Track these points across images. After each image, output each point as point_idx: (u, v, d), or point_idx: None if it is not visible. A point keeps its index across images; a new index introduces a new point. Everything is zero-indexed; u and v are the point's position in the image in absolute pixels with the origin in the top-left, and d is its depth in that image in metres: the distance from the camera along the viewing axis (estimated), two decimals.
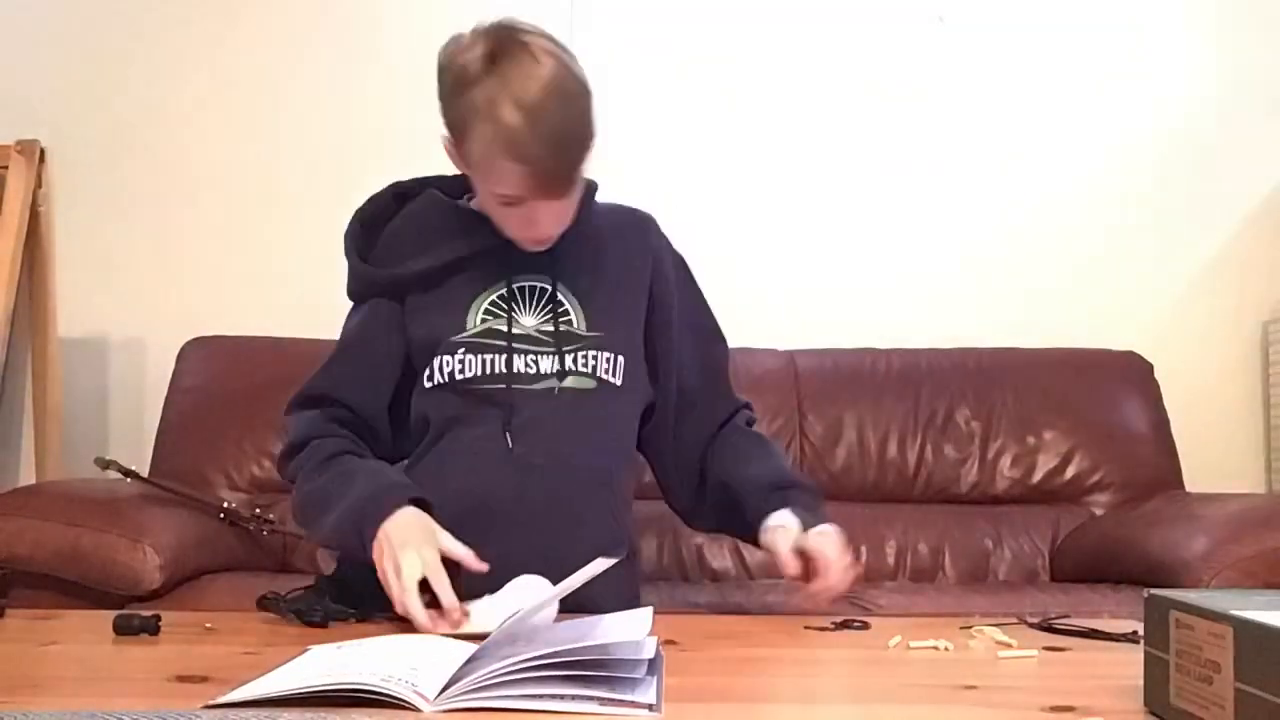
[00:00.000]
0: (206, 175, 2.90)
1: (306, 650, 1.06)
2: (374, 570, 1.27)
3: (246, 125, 2.91)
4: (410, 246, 1.49)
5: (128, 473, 2.25)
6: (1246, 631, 0.75)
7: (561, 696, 0.87)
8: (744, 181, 2.90)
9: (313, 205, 2.89)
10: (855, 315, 2.85)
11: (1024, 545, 2.50)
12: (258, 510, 2.33)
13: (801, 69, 2.91)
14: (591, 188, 1.50)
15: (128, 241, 2.88)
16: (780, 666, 1.14)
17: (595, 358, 1.44)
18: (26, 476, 2.76)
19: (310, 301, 2.83)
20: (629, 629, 1.01)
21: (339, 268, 1.63)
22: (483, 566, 1.26)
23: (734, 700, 0.90)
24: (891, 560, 2.48)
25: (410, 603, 1.20)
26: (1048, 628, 1.27)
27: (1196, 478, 2.63)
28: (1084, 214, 2.90)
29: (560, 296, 1.46)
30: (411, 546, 1.24)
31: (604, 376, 1.44)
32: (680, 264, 1.61)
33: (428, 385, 1.44)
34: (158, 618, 1.22)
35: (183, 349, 2.65)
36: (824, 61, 2.92)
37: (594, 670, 0.89)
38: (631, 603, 1.41)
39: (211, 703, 0.88)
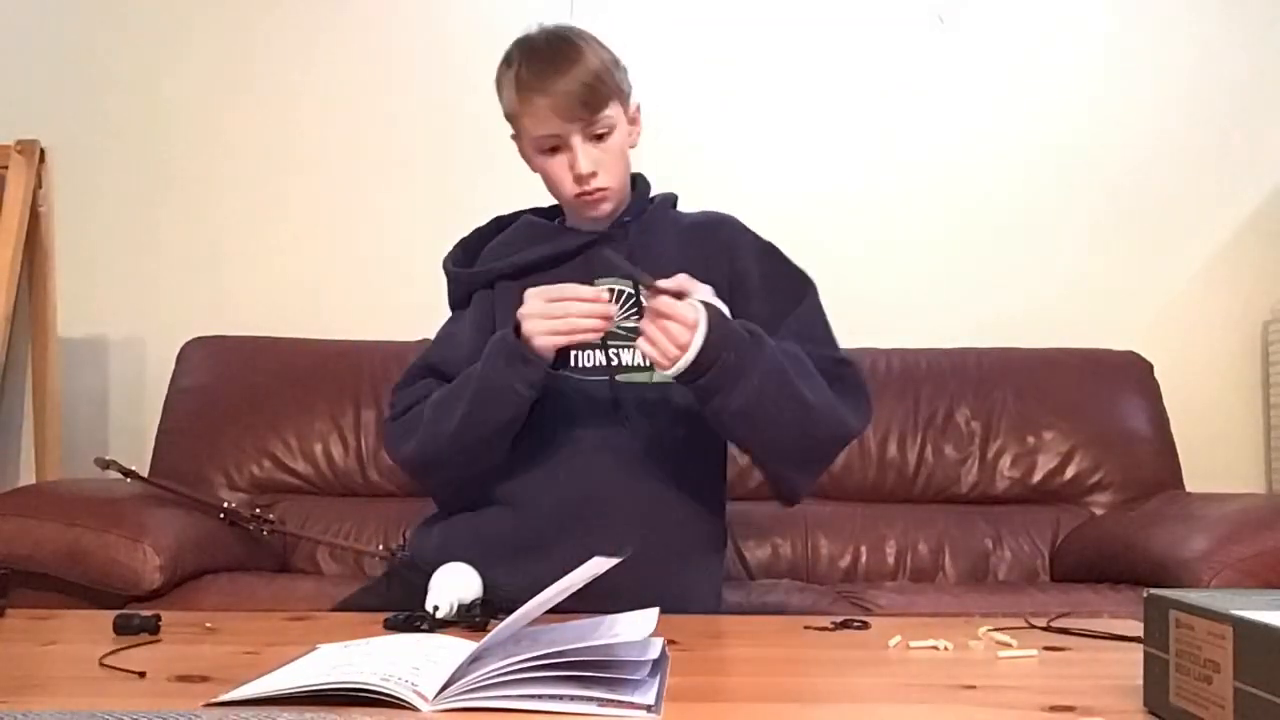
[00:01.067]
0: (207, 175, 2.90)
1: (314, 649, 1.06)
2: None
3: (247, 125, 2.91)
4: (505, 253, 1.59)
5: (128, 473, 2.24)
6: (1246, 631, 0.76)
7: (560, 697, 0.87)
8: (744, 181, 2.89)
9: (314, 205, 2.90)
10: (855, 315, 2.84)
11: (1024, 545, 2.50)
12: (258, 510, 2.33)
13: (801, 69, 2.91)
14: (668, 197, 1.65)
15: (128, 241, 2.88)
16: (780, 666, 1.14)
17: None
18: (26, 476, 2.76)
19: (310, 301, 2.84)
20: (633, 629, 1.01)
21: (339, 268, 1.63)
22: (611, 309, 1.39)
23: (734, 700, 0.90)
24: (891, 560, 2.47)
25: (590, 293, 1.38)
26: (1058, 630, 1.27)
27: (1196, 478, 2.63)
28: (1084, 214, 2.90)
29: (643, 298, 1.48)
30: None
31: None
32: (760, 246, 1.63)
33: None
34: (158, 618, 1.22)
35: (183, 349, 2.65)
36: (824, 61, 2.92)
37: (595, 671, 0.89)
38: (718, 598, 1.52)
39: (212, 701, 0.89)
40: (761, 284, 1.56)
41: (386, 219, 2.87)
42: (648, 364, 1.40)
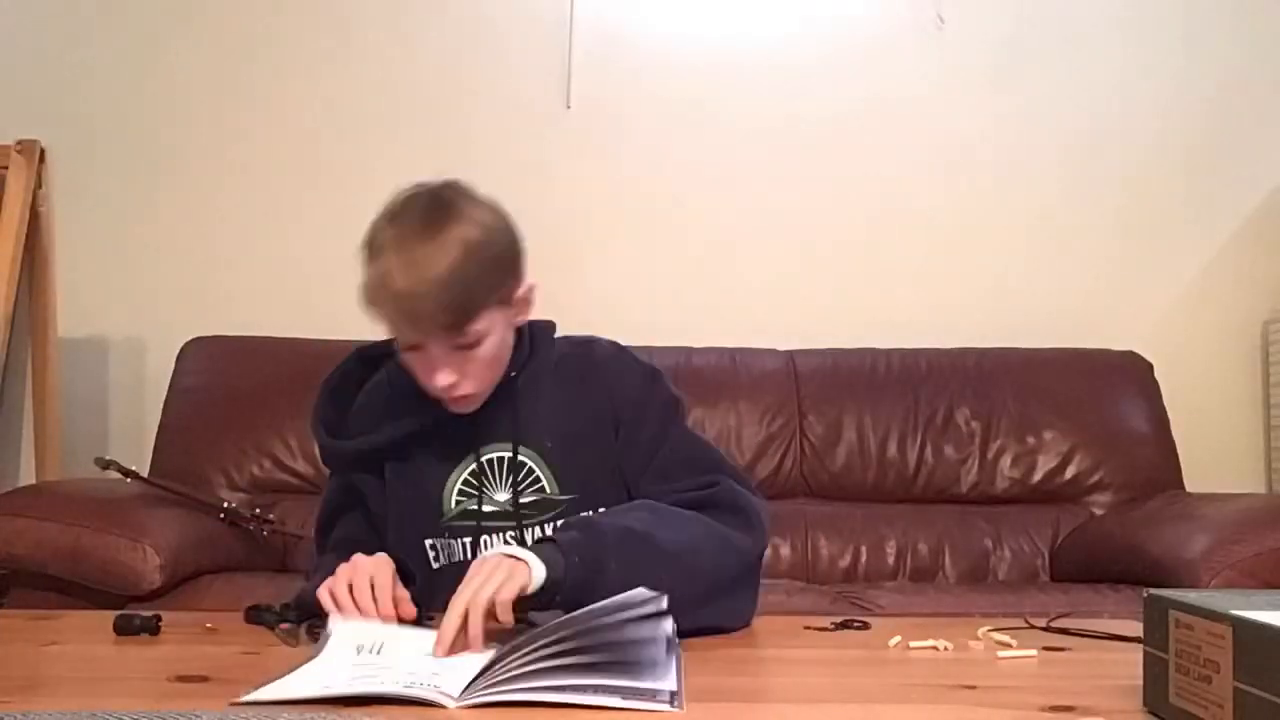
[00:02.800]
0: (207, 175, 2.90)
1: (330, 633, 1.06)
2: None
3: (247, 126, 2.91)
4: (375, 420, 1.43)
5: (128, 473, 2.24)
6: (1246, 631, 0.76)
7: (583, 688, 0.87)
8: (744, 181, 2.90)
9: (313, 205, 2.89)
10: (855, 315, 2.85)
11: (1024, 545, 2.50)
12: (258, 510, 2.33)
13: (802, 69, 2.91)
14: (545, 331, 1.45)
15: (128, 241, 2.88)
16: (780, 666, 1.14)
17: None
18: (26, 476, 2.76)
19: (310, 301, 2.83)
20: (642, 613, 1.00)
21: (339, 268, 1.62)
22: (409, 615, 1.19)
23: (733, 700, 0.90)
24: (891, 560, 2.47)
25: (339, 590, 1.18)
26: (1058, 630, 1.27)
27: (1196, 478, 2.63)
28: (1084, 214, 2.90)
29: (524, 460, 1.38)
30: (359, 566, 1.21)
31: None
32: (638, 388, 1.44)
33: (435, 565, 1.38)
34: (158, 618, 1.22)
35: (183, 349, 2.65)
36: (824, 61, 2.91)
37: (612, 655, 0.89)
38: None
39: (236, 701, 0.88)
40: (638, 429, 1.41)
41: None
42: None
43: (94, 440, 2.80)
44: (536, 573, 1.13)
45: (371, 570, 1.20)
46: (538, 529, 1.35)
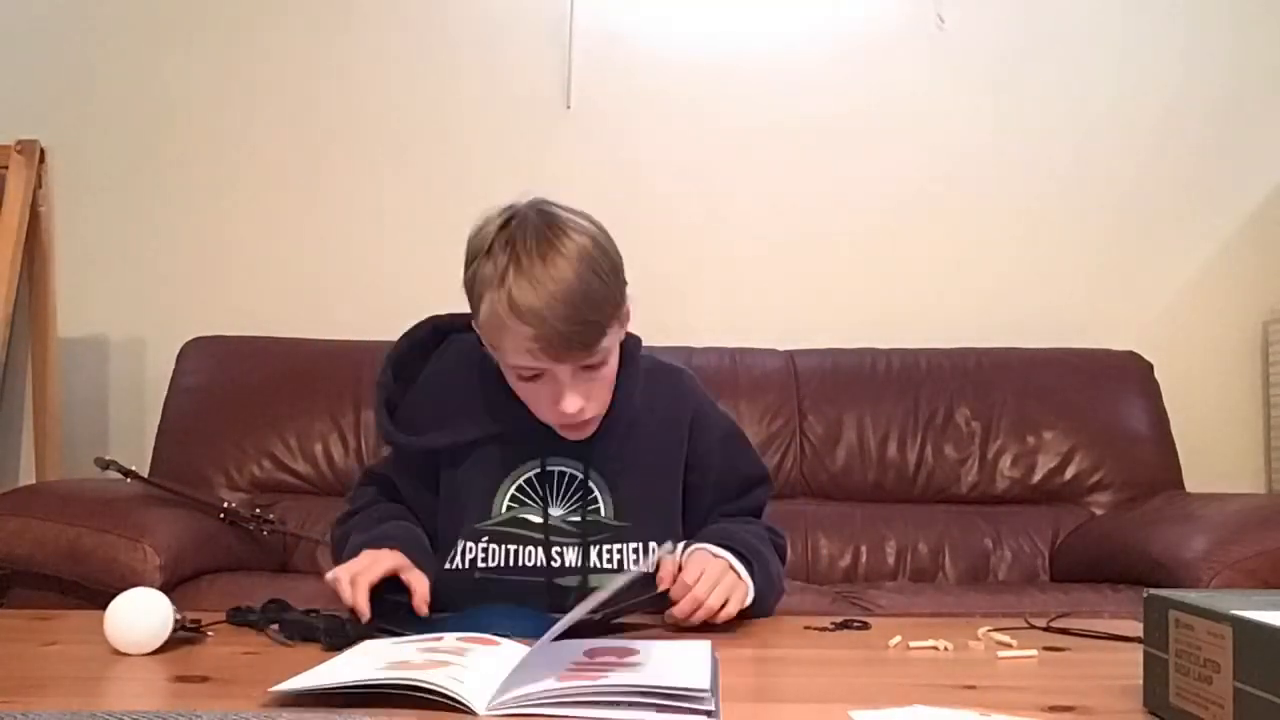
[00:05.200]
0: (207, 175, 2.90)
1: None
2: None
3: (247, 126, 2.91)
4: (440, 411, 1.40)
5: (128, 473, 2.24)
6: (1246, 631, 0.76)
7: (614, 702, 0.86)
8: (744, 182, 2.90)
9: (313, 205, 2.90)
10: (855, 315, 2.85)
11: (1024, 545, 2.50)
12: (258, 510, 2.33)
13: (802, 70, 2.91)
14: (633, 347, 1.43)
15: (128, 241, 2.88)
16: (780, 666, 1.14)
17: (621, 550, 1.36)
18: (26, 476, 2.76)
19: (311, 301, 2.84)
20: (687, 663, 0.98)
21: (339, 268, 1.62)
22: (422, 606, 1.24)
23: (733, 700, 0.90)
24: (891, 560, 2.47)
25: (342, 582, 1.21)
26: (1058, 630, 1.27)
27: (1196, 478, 2.63)
28: (1084, 214, 2.90)
29: (591, 484, 1.37)
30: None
31: (631, 569, 1.32)
32: (718, 423, 1.49)
33: (446, 567, 1.36)
34: (198, 621, 1.22)
35: (183, 349, 2.65)
36: (824, 62, 2.91)
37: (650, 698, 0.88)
38: None
39: (274, 689, 0.88)
40: (718, 481, 1.45)
41: (386, 219, 2.87)
42: (574, 565, 1.34)
43: (94, 440, 2.80)
44: (750, 597, 1.28)
45: (366, 565, 1.23)
46: (603, 549, 1.36)
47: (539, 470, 1.37)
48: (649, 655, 1.01)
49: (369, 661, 0.96)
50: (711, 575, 1.25)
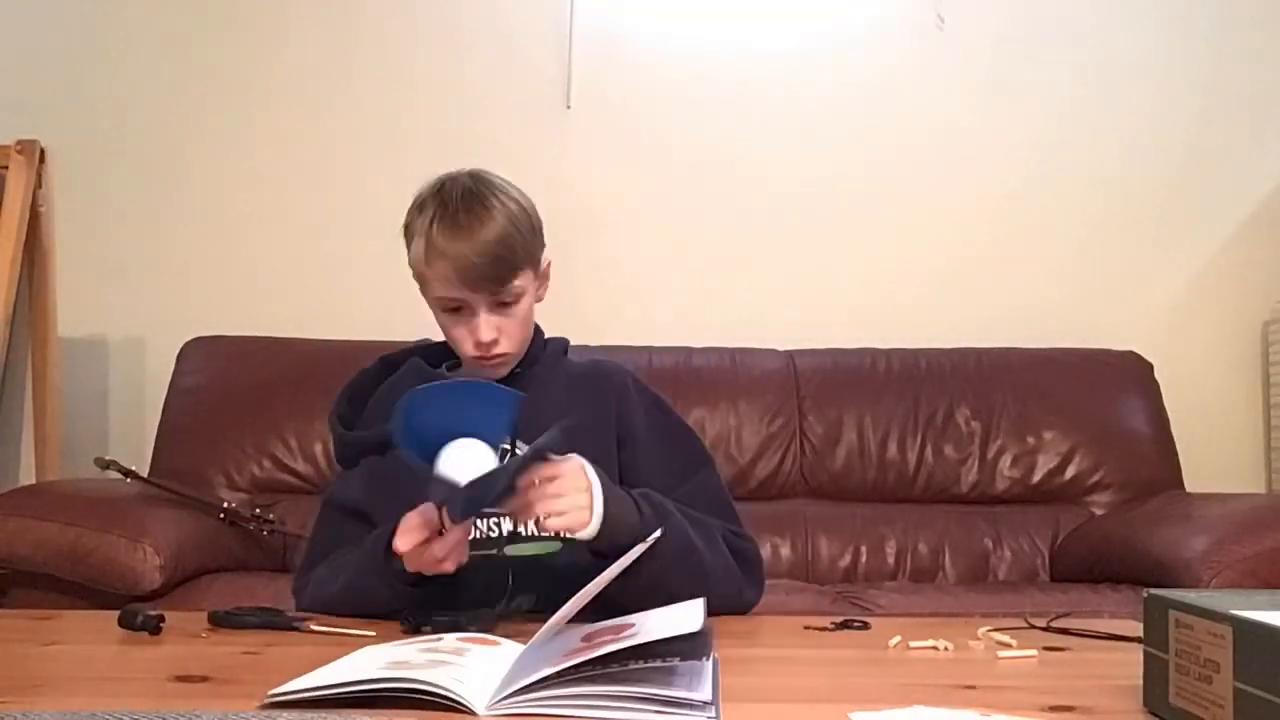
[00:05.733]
0: (207, 175, 2.90)
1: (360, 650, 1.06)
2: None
3: (247, 126, 2.91)
4: (388, 413, 1.41)
5: (128, 473, 2.25)
6: (1246, 631, 0.76)
7: (617, 697, 0.86)
8: (744, 181, 2.90)
9: (314, 205, 2.90)
10: (855, 315, 2.85)
11: (1024, 545, 2.50)
12: (258, 510, 2.33)
13: (801, 69, 2.91)
14: (557, 340, 1.56)
15: (128, 241, 2.88)
16: (780, 666, 1.14)
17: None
18: (26, 476, 2.76)
19: (310, 301, 2.84)
20: (680, 617, 0.99)
21: (339, 268, 1.63)
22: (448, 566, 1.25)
23: (733, 700, 0.90)
24: (891, 560, 2.48)
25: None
26: (1058, 630, 1.27)
27: (1196, 478, 2.63)
28: (1084, 214, 2.90)
29: (518, 453, 1.38)
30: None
31: (566, 535, 1.33)
32: (651, 405, 1.54)
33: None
34: (161, 618, 1.22)
35: (183, 349, 2.65)
36: (823, 61, 2.92)
37: (646, 661, 0.88)
38: None
39: (272, 693, 0.88)
40: (651, 440, 1.49)
41: (386, 218, 2.85)
42: (534, 533, 1.36)
43: (94, 440, 2.80)
44: (587, 533, 1.24)
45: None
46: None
47: None
48: (644, 623, 1.01)
49: (368, 663, 0.96)
50: (556, 475, 1.25)
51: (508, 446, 1.39)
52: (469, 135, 2.87)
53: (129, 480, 2.25)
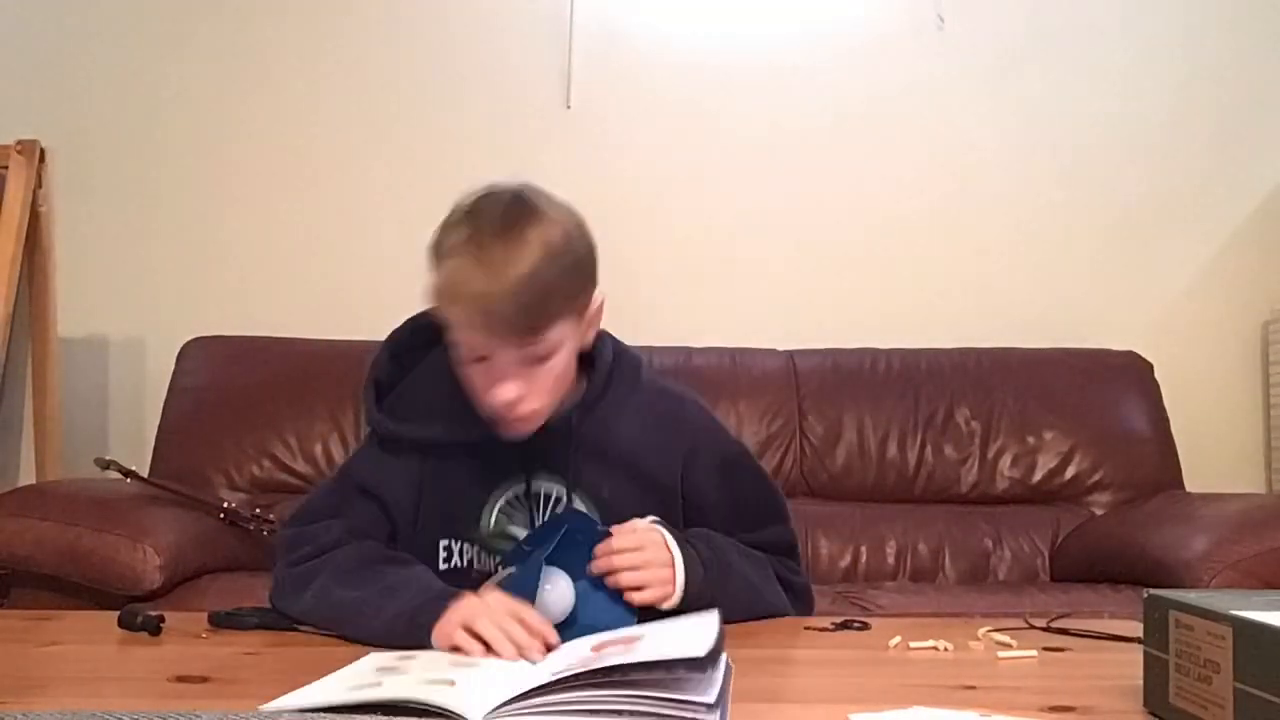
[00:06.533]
0: (207, 175, 2.90)
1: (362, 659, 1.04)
2: None
3: (247, 126, 2.91)
4: (433, 401, 1.34)
5: (128, 473, 2.24)
6: (1246, 631, 0.76)
7: (618, 700, 0.85)
8: (744, 181, 2.90)
9: (313, 205, 2.90)
10: (855, 315, 2.85)
11: (1024, 545, 2.50)
12: (258, 510, 2.33)
13: (802, 69, 2.91)
14: (633, 366, 1.37)
15: (128, 241, 2.88)
16: (780, 666, 1.14)
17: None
18: (26, 476, 2.76)
19: (311, 301, 2.84)
20: (688, 633, 0.98)
21: (339, 268, 1.62)
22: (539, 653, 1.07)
23: (733, 701, 0.90)
24: (891, 560, 2.47)
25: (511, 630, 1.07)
26: (1058, 630, 1.27)
27: (1196, 478, 2.63)
28: (1085, 214, 2.90)
29: (579, 505, 1.32)
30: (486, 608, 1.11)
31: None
32: (724, 456, 1.41)
33: (443, 567, 1.31)
34: (161, 618, 1.22)
35: (183, 349, 2.65)
36: (824, 62, 2.91)
37: (648, 674, 0.87)
38: None
39: (265, 708, 0.87)
40: (721, 496, 1.38)
41: (386, 218, 2.87)
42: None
43: (94, 440, 2.80)
44: (670, 604, 1.20)
45: (511, 610, 1.09)
46: None
47: (524, 489, 1.32)
48: (652, 634, 1.00)
49: (366, 675, 0.95)
50: (640, 547, 1.20)
51: (562, 496, 1.31)
52: (469, 135, 2.87)
53: (129, 480, 2.25)
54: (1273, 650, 0.73)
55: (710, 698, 0.85)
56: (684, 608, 1.21)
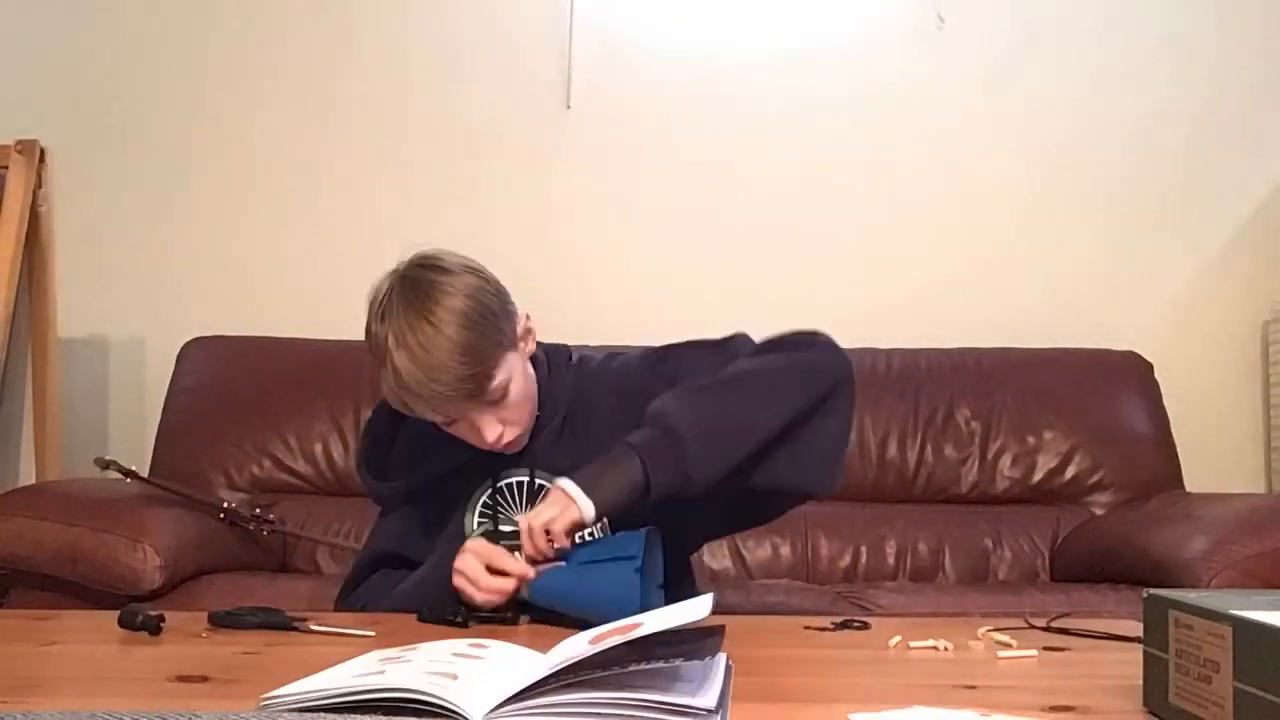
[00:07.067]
0: (207, 175, 2.90)
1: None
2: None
3: (247, 126, 2.90)
4: (416, 458, 1.53)
5: (128, 473, 2.24)
6: (1246, 631, 0.76)
7: (619, 704, 0.84)
8: (744, 182, 2.90)
9: (313, 205, 2.90)
10: (855, 315, 2.84)
11: (1024, 545, 2.50)
12: (258, 510, 2.33)
13: (801, 69, 2.91)
14: (557, 358, 1.53)
15: (128, 241, 2.88)
16: (780, 666, 1.14)
17: (590, 532, 1.38)
18: (26, 476, 2.76)
19: (310, 301, 2.84)
20: (681, 613, 0.99)
21: (339, 268, 1.63)
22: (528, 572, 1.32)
23: (733, 701, 0.90)
24: (891, 560, 2.47)
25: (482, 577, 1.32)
26: (1058, 630, 1.27)
27: (1196, 478, 2.63)
28: (1084, 213, 2.90)
29: (540, 482, 1.46)
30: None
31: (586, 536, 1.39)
32: (654, 365, 1.57)
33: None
34: (161, 618, 1.22)
35: (183, 349, 2.65)
36: (823, 61, 2.91)
37: (650, 663, 0.88)
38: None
39: (265, 698, 0.87)
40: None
41: (386, 219, 2.87)
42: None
43: (94, 440, 2.80)
44: (585, 510, 1.28)
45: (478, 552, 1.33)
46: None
47: (490, 490, 1.48)
48: (651, 622, 1.00)
49: (367, 670, 0.95)
50: (539, 507, 1.32)
51: (547, 484, 1.42)
52: (469, 135, 2.87)
53: (129, 480, 2.25)
54: (1273, 650, 0.73)
55: (710, 702, 0.85)
56: (650, 493, 1.30)
